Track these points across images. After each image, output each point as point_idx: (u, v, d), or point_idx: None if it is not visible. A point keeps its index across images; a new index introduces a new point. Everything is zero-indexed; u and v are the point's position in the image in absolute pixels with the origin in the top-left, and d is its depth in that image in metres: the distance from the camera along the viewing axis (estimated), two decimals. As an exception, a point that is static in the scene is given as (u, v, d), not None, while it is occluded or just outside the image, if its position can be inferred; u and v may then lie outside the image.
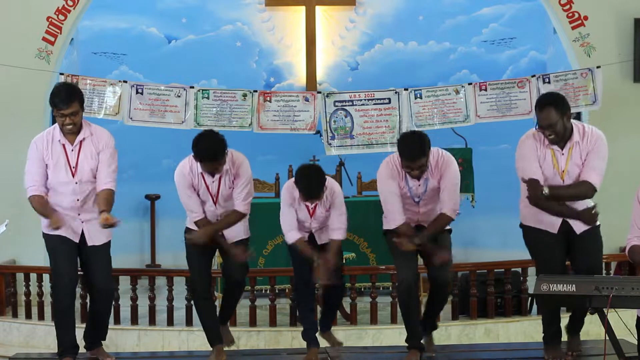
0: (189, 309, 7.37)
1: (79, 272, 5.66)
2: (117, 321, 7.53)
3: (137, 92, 8.62)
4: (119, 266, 6.92)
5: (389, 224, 5.58)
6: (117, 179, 5.56)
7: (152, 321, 7.61)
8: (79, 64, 10.51)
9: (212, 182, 5.59)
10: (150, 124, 8.71)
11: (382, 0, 11.33)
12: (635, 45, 8.76)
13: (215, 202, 5.63)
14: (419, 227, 5.58)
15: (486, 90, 8.74)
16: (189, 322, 7.41)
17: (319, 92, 8.98)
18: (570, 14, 8.80)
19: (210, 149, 5.40)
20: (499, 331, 7.45)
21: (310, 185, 5.55)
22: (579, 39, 8.81)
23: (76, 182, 5.47)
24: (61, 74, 8.53)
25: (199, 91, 8.69)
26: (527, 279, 7.63)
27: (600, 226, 5.45)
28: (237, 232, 5.74)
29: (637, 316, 4.69)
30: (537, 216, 5.37)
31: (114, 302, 7.36)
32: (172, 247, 9.94)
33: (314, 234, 5.81)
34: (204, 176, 5.59)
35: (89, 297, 5.86)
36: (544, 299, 4.51)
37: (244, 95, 8.69)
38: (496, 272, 7.62)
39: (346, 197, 9.12)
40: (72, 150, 5.48)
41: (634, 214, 4.71)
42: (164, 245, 10.72)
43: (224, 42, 11.24)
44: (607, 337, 4.46)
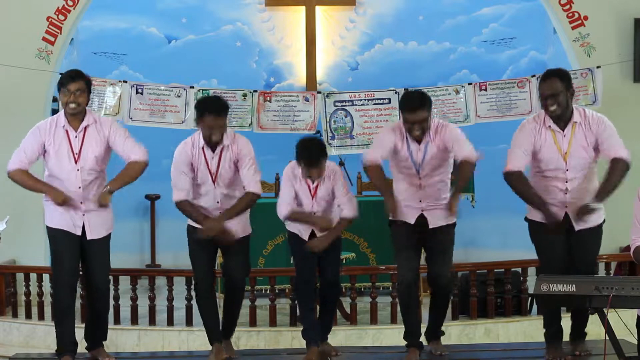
0: (189, 309, 7.37)
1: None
2: (117, 321, 7.54)
3: (137, 92, 8.63)
4: (119, 266, 6.93)
5: (368, 154, 5.59)
6: (140, 144, 5.65)
7: (152, 321, 7.61)
8: (79, 64, 10.48)
9: (212, 158, 5.56)
10: (150, 124, 8.72)
11: (382, 0, 11.33)
12: (635, 45, 8.76)
13: (214, 181, 5.56)
14: (422, 224, 5.57)
15: (486, 90, 8.75)
16: (189, 322, 7.41)
17: (319, 92, 8.99)
18: (570, 14, 8.81)
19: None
20: (499, 331, 7.46)
21: (311, 150, 5.59)
22: (579, 39, 8.81)
23: (78, 169, 5.44)
24: (61, 74, 8.51)
25: (199, 91, 8.70)
26: (527, 279, 7.63)
27: (602, 225, 5.46)
28: (239, 230, 5.66)
29: (638, 316, 4.69)
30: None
31: (114, 302, 7.40)
32: (172, 247, 9.97)
33: (314, 231, 5.76)
34: (204, 151, 5.56)
35: (86, 295, 5.85)
36: (544, 299, 4.51)
37: (244, 95, 8.70)
38: (496, 272, 7.62)
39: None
40: (76, 136, 5.47)
41: (635, 214, 4.70)
42: (164, 245, 10.73)
43: (224, 42, 11.25)
44: (607, 337, 4.46)
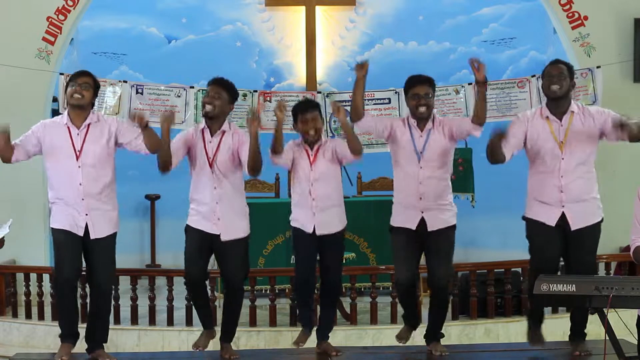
0: (189, 309, 7.36)
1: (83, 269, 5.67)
2: (117, 321, 7.54)
3: (137, 92, 8.62)
4: (119, 266, 6.90)
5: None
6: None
7: (152, 321, 7.61)
8: (79, 64, 10.47)
9: (210, 141, 5.59)
10: (150, 123, 8.66)
11: (382, 0, 11.33)
12: (635, 45, 8.76)
13: (211, 164, 5.56)
14: (421, 227, 5.58)
15: (486, 90, 8.73)
16: (189, 322, 7.41)
17: (319, 92, 8.99)
18: (570, 14, 8.81)
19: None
20: (499, 331, 7.45)
21: (303, 101, 5.89)
22: (579, 39, 8.81)
23: (79, 166, 5.46)
24: (61, 74, 8.53)
25: (199, 91, 8.69)
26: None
27: (600, 224, 5.47)
28: (236, 229, 5.65)
29: (638, 316, 4.69)
30: (537, 207, 5.45)
31: (114, 302, 7.39)
32: (172, 247, 9.94)
33: (315, 227, 5.71)
34: (204, 134, 5.60)
35: (89, 295, 5.85)
36: (544, 299, 4.51)
37: (244, 95, 8.69)
38: (496, 272, 7.62)
39: (346, 197, 9.12)
40: (78, 134, 5.51)
41: (635, 214, 4.70)
42: (164, 245, 10.72)
43: (224, 42, 11.24)
44: (607, 337, 4.46)
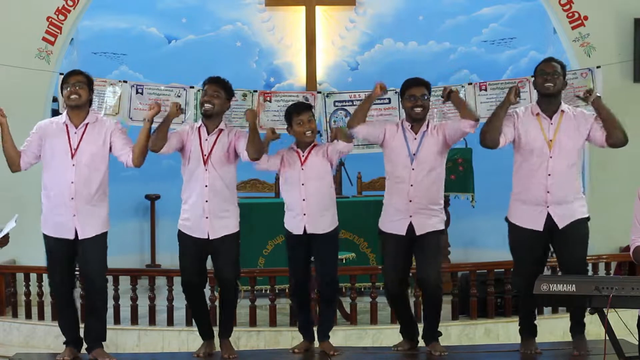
0: (189, 309, 7.36)
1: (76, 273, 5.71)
2: (117, 321, 7.53)
3: (137, 92, 8.61)
4: (119, 266, 6.94)
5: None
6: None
7: (152, 321, 7.61)
8: (79, 64, 10.47)
9: (206, 140, 5.62)
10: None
11: (382, 0, 11.33)
12: (635, 45, 8.75)
13: (205, 162, 5.59)
14: (410, 231, 5.60)
15: (486, 90, 8.74)
16: (189, 322, 7.39)
17: (319, 92, 8.98)
18: (570, 14, 8.80)
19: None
20: (499, 331, 7.45)
21: (298, 102, 6.10)
22: (579, 39, 8.81)
23: (73, 164, 5.49)
24: (61, 73, 8.49)
25: (199, 91, 8.66)
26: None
27: (587, 220, 5.48)
28: (225, 226, 5.68)
29: (638, 316, 4.69)
30: (521, 211, 5.47)
31: (113, 302, 7.40)
32: (172, 247, 9.82)
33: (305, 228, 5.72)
34: (200, 131, 5.64)
35: (85, 293, 5.88)
36: (544, 299, 4.51)
37: (244, 95, 8.68)
38: (496, 272, 7.61)
39: (346, 197, 9.13)
40: (76, 132, 5.55)
41: (635, 214, 4.71)
42: (164, 245, 10.71)
43: (224, 42, 11.24)
44: (607, 337, 4.46)
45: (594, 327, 5.74)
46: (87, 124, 5.55)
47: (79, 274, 5.77)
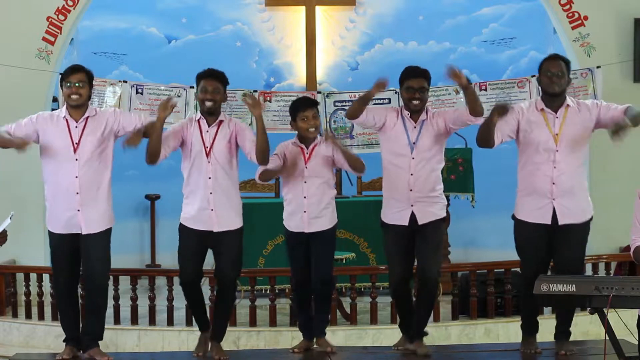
0: (189, 310, 7.36)
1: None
2: (117, 321, 7.53)
3: (137, 92, 8.62)
4: (119, 266, 6.92)
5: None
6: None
7: (152, 321, 7.61)
8: (79, 64, 10.49)
9: (207, 131, 5.60)
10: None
11: (382, 0, 11.33)
12: (635, 45, 8.75)
13: (207, 154, 5.57)
14: (412, 221, 5.59)
15: (486, 90, 8.75)
16: (189, 322, 7.39)
17: (319, 92, 8.99)
18: (570, 14, 8.80)
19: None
20: (499, 331, 7.45)
21: (304, 97, 6.01)
22: (579, 39, 8.81)
23: (76, 159, 5.47)
24: (61, 74, 8.51)
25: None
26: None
27: (590, 221, 5.47)
28: (230, 220, 5.66)
29: (638, 316, 4.69)
30: (528, 206, 5.46)
31: (113, 302, 7.40)
32: (172, 247, 9.83)
33: (305, 225, 5.72)
34: (200, 123, 5.62)
35: (85, 290, 5.86)
36: (544, 299, 4.51)
37: (244, 95, 8.68)
38: (496, 272, 7.61)
39: (346, 197, 9.12)
40: (76, 127, 5.53)
41: (635, 214, 4.71)
42: (164, 245, 10.71)
43: (224, 42, 11.23)
44: (607, 337, 4.46)
45: (594, 327, 5.75)
46: (87, 118, 5.54)
47: (82, 272, 5.74)
